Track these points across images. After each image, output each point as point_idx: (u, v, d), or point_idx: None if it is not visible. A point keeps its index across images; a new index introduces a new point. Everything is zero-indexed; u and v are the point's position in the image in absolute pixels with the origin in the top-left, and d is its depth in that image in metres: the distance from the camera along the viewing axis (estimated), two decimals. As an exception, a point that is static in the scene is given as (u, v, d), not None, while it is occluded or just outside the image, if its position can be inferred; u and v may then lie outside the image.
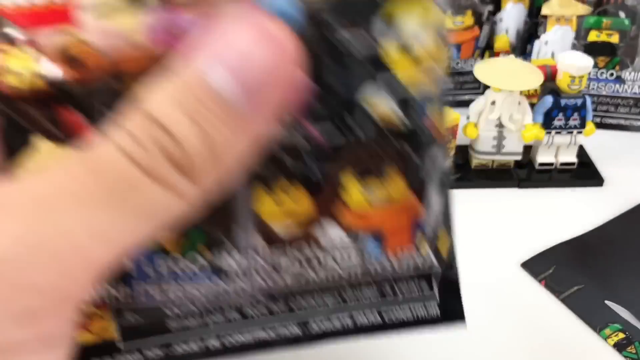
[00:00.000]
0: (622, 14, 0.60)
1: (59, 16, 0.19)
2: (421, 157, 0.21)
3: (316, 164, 0.20)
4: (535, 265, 0.43)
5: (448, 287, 0.24)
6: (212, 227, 0.21)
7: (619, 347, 0.37)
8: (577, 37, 0.61)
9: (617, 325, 0.38)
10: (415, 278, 0.23)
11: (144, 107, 0.15)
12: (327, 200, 0.21)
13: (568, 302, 0.40)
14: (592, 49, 0.59)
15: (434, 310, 0.24)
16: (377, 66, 0.19)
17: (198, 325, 0.22)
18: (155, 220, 0.16)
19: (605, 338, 0.37)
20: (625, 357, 0.36)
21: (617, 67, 0.60)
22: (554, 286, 0.41)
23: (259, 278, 0.22)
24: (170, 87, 0.15)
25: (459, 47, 0.64)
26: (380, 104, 0.19)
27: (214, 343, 0.23)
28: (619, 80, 0.60)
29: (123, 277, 0.21)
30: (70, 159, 0.16)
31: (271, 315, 0.23)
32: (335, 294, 0.23)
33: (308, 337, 0.23)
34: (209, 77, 0.15)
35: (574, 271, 0.42)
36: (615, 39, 0.60)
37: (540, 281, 0.42)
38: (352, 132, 0.20)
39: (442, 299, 0.24)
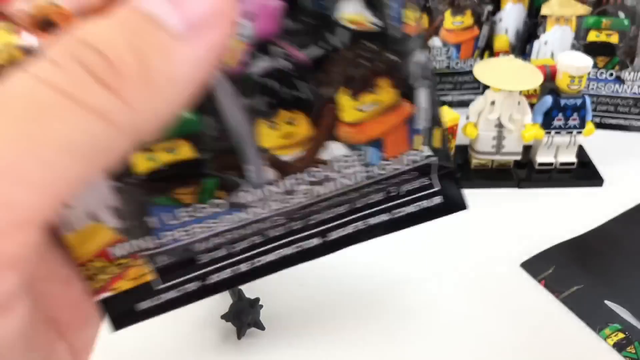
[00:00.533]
0: (621, 14, 0.60)
1: None
2: (407, 63, 0.22)
3: (306, 84, 0.22)
4: (535, 265, 0.43)
5: (446, 176, 0.26)
6: (224, 172, 0.23)
7: (619, 346, 0.37)
8: (576, 37, 0.61)
9: (617, 325, 0.38)
10: (415, 172, 0.25)
11: (68, 35, 0.14)
12: (325, 121, 0.23)
13: (568, 301, 0.40)
14: (592, 49, 0.59)
15: (437, 199, 0.26)
16: None
17: (227, 255, 0.25)
18: (82, 153, 0.13)
19: (605, 338, 0.37)
20: (625, 357, 0.36)
21: (617, 67, 0.60)
22: (554, 286, 0.41)
23: (274, 204, 0.24)
24: (102, 19, 0.14)
25: (458, 47, 0.64)
26: (350, 9, 0.21)
27: (244, 267, 0.26)
28: (619, 80, 0.60)
29: (148, 232, 0.23)
30: None
31: (292, 234, 0.25)
32: (346, 204, 0.25)
33: (328, 247, 0.26)
34: (147, 5, 0.14)
35: (574, 271, 0.42)
36: (614, 39, 0.60)
37: (540, 281, 0.42)
38: (327, 41, 0.21)
39: (442, 187, 0.26)
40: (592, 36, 0.60)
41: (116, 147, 0.14)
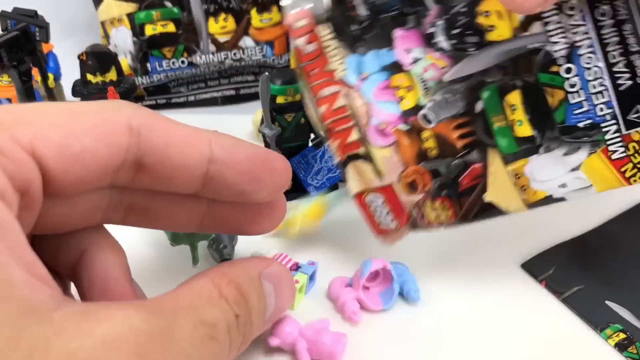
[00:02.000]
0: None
1: None
2: None
3: None
4: (535, 266, 0.43)
5: None
6: None
7: (620, 347, 0.37)
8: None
9: (618, 326, 0.38)
10: None
11: (244, 290, 0.22)
12: None
13: (569, 302, 0.40)
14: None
15: None
16: None
17: None
18: None
19: (606, 338, 0.37)
20: (626, 357, 0.36)
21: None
22: (555, 287, 0.41)
23: None
24: (252, 283, 0.23)
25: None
26: None
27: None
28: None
29: None
30: (198, 318, 0.20)
31: None
32: None
33: None
34: (268, 293, 0.24)
35: (574, 271, 0.42)
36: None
37: (540, 282, 0.42)
38: None
39: None
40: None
41: None
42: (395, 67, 0.35)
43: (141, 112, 0.21)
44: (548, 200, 0.37)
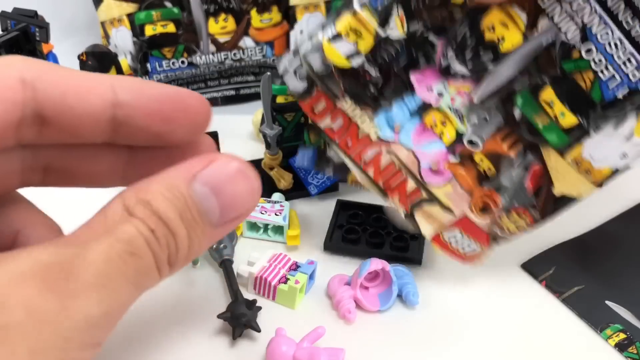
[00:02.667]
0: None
1: None
2: None
3: None
4: (535, 266, 0.43)
5: None
6: None
7: (620, 347, 0.36)
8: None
9: (618, 326, 0.38)
10: None
11: (155, 205, 0.20)
12: None
13: (569, 302, 0.40)
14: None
15: None
16: None
17: None
18: (141, 291, 0.20)
19: (607, 338, 0.37)
20: (626, 357, 0.36)
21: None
22: (555, 287, 0.41)
23: None
24: (170, 193, 0.20)
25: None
26: None
27: None
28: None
29: None
30: (113, 237, 0.19)
31: None
32: None
33: None
34: (202, 198, 0.21)
35: (574, 271, 0.42)
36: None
37: (540, 282, 0.42)
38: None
39: None
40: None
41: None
42: (423, 108, 0.36)
43: (35, 64, 0.21)
44: (615, 173, 0.37)
